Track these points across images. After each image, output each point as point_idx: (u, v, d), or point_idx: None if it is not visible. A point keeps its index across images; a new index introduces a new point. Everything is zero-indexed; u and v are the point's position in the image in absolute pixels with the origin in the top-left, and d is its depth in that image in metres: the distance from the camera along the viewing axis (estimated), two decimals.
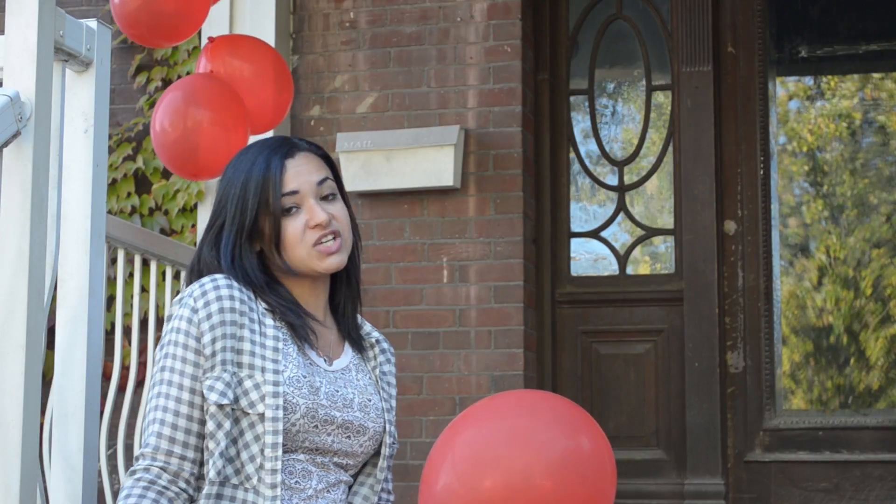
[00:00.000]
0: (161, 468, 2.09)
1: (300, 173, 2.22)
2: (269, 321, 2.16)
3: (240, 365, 2.12)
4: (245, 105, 3.50)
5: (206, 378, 2.10)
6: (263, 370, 2.11)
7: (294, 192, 2.21)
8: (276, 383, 2.10)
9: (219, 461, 2.09)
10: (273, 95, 3.62)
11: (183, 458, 2.10)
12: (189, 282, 2.26)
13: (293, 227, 2.20)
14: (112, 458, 4.36)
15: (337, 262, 2.22)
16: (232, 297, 2.14)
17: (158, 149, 3.46)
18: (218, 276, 2.17)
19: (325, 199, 2.24)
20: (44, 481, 2.70)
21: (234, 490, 2.09)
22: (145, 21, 3.32)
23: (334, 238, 2.21)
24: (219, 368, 2.10)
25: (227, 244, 2.21)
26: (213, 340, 2.11)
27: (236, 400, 2.10)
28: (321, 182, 2.23)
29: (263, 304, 2.18)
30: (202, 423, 2.11)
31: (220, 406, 2.09)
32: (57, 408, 2.64)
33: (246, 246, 2.21)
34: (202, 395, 2.10)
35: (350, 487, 2.26)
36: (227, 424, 2.09)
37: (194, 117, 3.37)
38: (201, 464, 2.12)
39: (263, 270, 2.22)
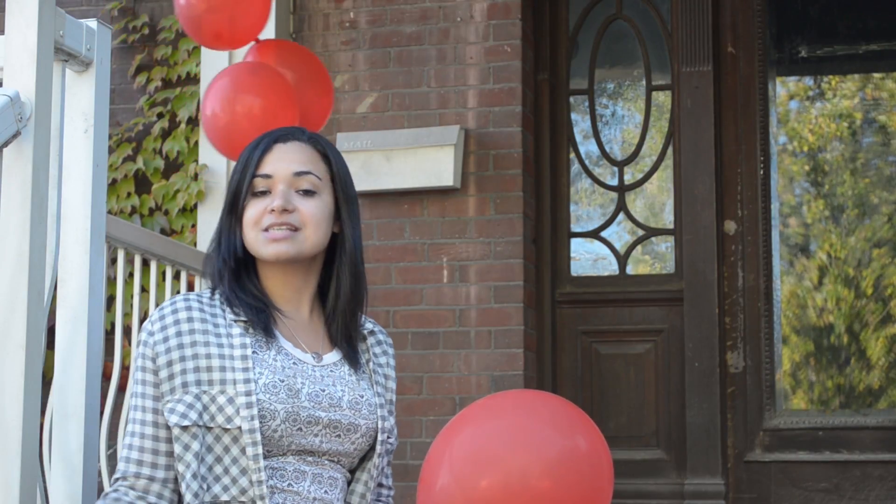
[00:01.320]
0: (129, 487, 2.09)
1: (281, 159, 2.20)
2: (236, 331, 2.13)
3: (210, 382, 2.08)
4: (293, 90, 3.57)
5: (167, 401, 2.08)
6: (235, 382, 2.08)
7: (267, 176, 2.19)
8: (248, 393, 2.07)
9: (193, 483, 2.05)
10: (314, 99, 3.69)
11: (151, 478, 2.09)
12: (203, 268, 2.28)
13: (255, 208, 2.18)
14: (112, 458, 4.36)
15: (277, 250, 2.16)
16: (190, 319, 2.12)
17: (209, 132, 3.52)
18: (178, 297, 2.16)
19: (301, 193, 2.20)
20: (44, 481, 2.70)
21: None
22: (209, 24, 3.41)
23: (289, 229, 2.16)
24: (179, 391, 2.08)
25: (220, 221, 2.23)
26: (170, 363, 2.09)
27: (212, 418, 2.07)
28: (300, 174, 2.19)
29: (231, 314, 2.15)
30: (169, 442, 2.09)
31: (184, 428, 2.07)
32: (57, 408, 2.64)
33: (228, 221, 2.20)
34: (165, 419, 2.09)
35: (349, 484, 2.23)
36: (194, 446, 2.06)
37: (244, 102, 3.45)
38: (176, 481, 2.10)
39: (244, 254, 2.20)
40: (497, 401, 2.09)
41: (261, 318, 2.15)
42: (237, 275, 2.19)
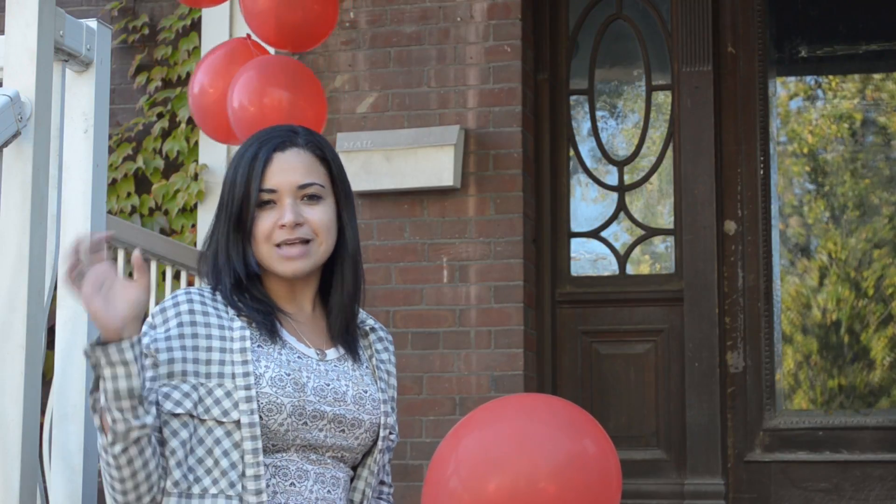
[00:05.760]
0: None
1: (284, 170, 2.18)
2: (237, 324, 2.13)
3: (208, 375, 2.09)
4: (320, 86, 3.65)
5: (163, 385, 2.07)
6: (234, 376, 2.08)
7: (272, 190, 2.17)
8: (247, 387, 2.07)
9: (175, 472, 2.05)
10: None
11: None
12: (198, 269, 2.27)
13: (264, 223, 2.17)
14: None
15: (295, 268, 2.17)
16: (191, 311, 2.12)
17: (236, 125, 3.53)
18: (179, 292, 2.16)
19: (306, 200, 2.19)
20: (44, 481, 2.70)
21: (214, 499, 2.05)
22: (274, 26, 3.47)
23: (301, 243, 2.17)
24: (178, 378, 2.07)
25: (218, 232, 2.21)
26: (171, 361, 2.08)
27: (206, 411, 2.07)
28: (303, 186, 2.18)
29: (233, 309, 2.14)
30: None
31: (176, 415, 2.06)
32: (57, 408, 2.64)
33: (233, 235, 2.18)
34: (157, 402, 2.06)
35: (351, 481, 2.23)
36: (183, 434, 2.06)
37: (272, 95, 3.49)
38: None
39: (246, 262, 2.18)
40: (503, 404, 2.08)
41: (266, 320, 2.15)
42: (239, 280, 2.18)
